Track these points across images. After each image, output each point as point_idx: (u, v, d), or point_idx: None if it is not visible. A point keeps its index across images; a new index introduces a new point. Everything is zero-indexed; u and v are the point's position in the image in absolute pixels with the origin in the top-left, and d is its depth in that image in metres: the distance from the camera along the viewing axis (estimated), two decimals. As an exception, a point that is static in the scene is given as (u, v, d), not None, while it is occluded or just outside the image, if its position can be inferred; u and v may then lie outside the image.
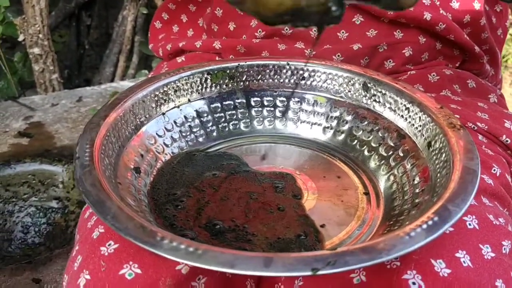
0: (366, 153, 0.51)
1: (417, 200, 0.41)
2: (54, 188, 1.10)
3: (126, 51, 1.70)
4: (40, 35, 1.38)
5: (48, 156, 1.14)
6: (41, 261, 0.89)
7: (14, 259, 0.98)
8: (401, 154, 0.47)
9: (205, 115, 0.55)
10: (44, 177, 1.10)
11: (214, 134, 0.55)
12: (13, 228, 1.05)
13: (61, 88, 1.53)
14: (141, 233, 0.32)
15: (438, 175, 0.40)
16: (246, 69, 0.56)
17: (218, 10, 0.69)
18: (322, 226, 0.42)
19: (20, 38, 1.42)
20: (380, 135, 0.51)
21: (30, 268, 0.87)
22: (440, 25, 0.62)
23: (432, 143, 0.44)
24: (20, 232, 1.05)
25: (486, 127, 0.56)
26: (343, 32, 0.63)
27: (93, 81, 1.77)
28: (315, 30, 0.64)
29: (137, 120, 0.49)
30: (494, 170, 0.50)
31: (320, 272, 0.28)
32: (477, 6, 0.64)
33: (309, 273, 0.28)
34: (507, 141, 0.56)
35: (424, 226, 0.31)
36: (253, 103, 0.57)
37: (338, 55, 0.63)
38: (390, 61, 0.65)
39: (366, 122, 0.52)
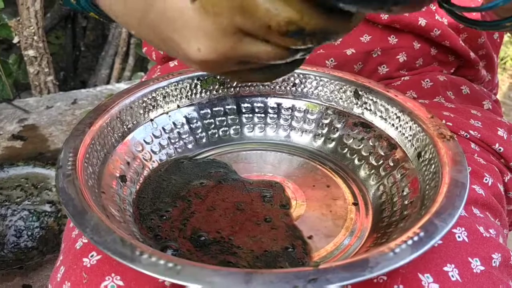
0: (356, 161, 0.50)
1: (405, 212, 0.40)
2: (47, 191, 1.09)
3: (122, 53, 1.69)
4: (35, 37, 1.38)
5: (42, 160, 1.13)
6: (32, 266, 0.88)
7: (6, 263, 0.97)
8: (391, 164, 0.47)
9: (195, 121, 0.54)
10: (37, 181, 1.10)
11: (204, 140, 0.54)
12: (6, 232, 1.05)
13: (57, 90, 1.53)
14: (120, 247, 0.31)
15: (427, 187, 0.39)
16: (236, 75, 0.55)
17: None
18: (310, 237, 0.41)
19: (15, 40, 1.41)
20: (371, 143, 0.50)
21: (21, 274, 0.86)
22: (435, 31, 0.61)
23: (422, 153, 0.43)
24: (13, 236, 1.04)
25: (479, 135, 0.55)
26: (336, 37, 0.62)
27: (88, 83, 1.76)
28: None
29: (124, 127, 0.48)
30: (486, 179, 0.49)
31: (301, 290, 0.27)
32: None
33: (289, 291, 0.27)
34: (500, 149, 0.55)
35: (410, 242, 0.30)
36: (243, 110, 0.56)
37: (331, 60, 0.62)
38: (384, 67, 0.64)
39: (356, 130, 0.52)
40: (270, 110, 0.56)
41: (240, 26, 0.27)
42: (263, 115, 0.56)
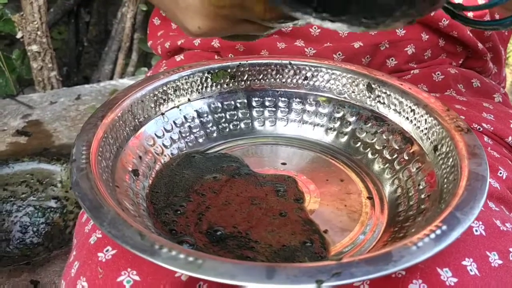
0: (370, 156, 0.50)
1: (422, 206, 0.40)
2: (52, 187, 1.09)
3: (125, 48, 1.69)
4: (39, 32, 1.37)
5: (47, 155, 1.13)
6: (39, 262, 0.88)
7: (13, 259, 0.97)
8: (406, 158, 0.46)
9: (205, 115, 0.54)
10: (42, 177, 1.09)
11: (214, 134, 0.54)
12: (12, 228, 1.04)
13: (60, 86, 1.52)
14: (139, 241, 0.31)
15: (445, 180, 0.39)
16: (247, 68, 0.55)
17: None
18: (325, 231, 0.41)
19: (19, 35, 1.40)
20: (384, 137, 0.49)
21: (28, 270, 0.86)
22: (444, 21, 0.60)
23: (439, 146, 0.43)
24: (18, 232, 1.04)
25: (492, 128, 0.55)
26: (344, 30, 0.62)
27: (92, 78, 1.76)
28: (315, 27, 0.62)
29: (136, 120, 0.48)
30: (500, 173, 0.49)
31: (325, 285, 0.27)
32: (480, 2, 0.63)
33: (313, 285, 0.27)
34: (513, 142, 0.55)
35: (432, 235, 0.30)
36: (254, 104, 0.56)
37: (339, 54, 0.62)
38: (392, 59, 0.63)
39: (370, 124, 0.51)
40: (281, 104, 0.56)
41: (237, 16, 0.34)
42: (274, 109, 0.56)
